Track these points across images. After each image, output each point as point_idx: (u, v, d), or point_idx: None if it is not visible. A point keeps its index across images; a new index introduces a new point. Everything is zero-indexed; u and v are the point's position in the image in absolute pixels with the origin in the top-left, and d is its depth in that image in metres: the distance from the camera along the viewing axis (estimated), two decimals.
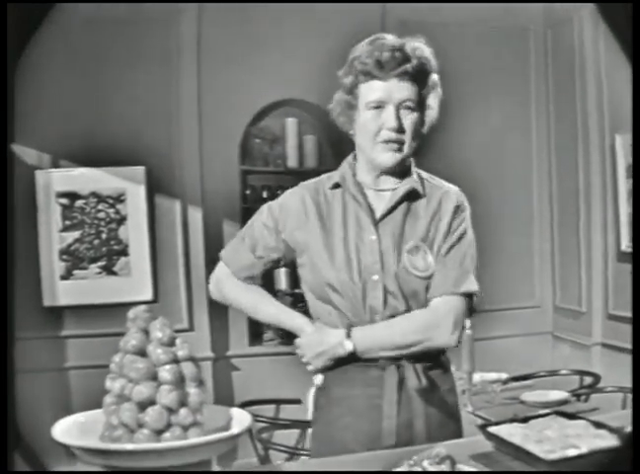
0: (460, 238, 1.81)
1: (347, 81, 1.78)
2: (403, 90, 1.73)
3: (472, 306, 1.82)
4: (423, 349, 1.75)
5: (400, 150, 1.76)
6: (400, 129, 1.74)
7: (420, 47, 1.76)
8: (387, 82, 1.73)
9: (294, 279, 1.92)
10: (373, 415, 1.74)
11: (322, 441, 1.81)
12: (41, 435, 1.72)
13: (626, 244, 4.08)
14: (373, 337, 1.74)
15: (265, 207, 1.91)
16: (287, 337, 1.87)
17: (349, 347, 1.73)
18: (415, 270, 1.75)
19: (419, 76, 1.75)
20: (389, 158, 1.76)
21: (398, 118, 1.73)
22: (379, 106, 1.74)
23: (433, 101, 1.80)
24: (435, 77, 1.80)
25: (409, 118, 1.75)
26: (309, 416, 1.93)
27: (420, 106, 1.77)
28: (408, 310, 1.75)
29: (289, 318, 1.86)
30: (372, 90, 1.74)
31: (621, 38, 1.41)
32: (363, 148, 1.80)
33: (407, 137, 1.75)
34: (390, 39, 1.75)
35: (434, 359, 1.80)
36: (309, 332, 1.79)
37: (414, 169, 1.86)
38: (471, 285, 1.79)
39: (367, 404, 1.75)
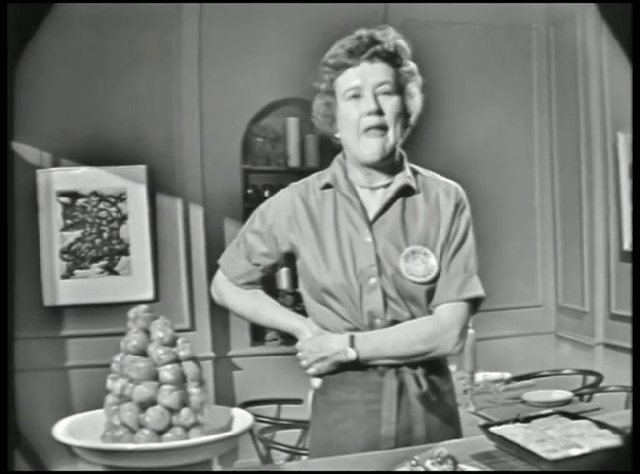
0: (463, 241, 1.77)
1: (322, 83, 1.76)
2: (377, 73, 1.70)
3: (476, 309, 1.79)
4: (426, 358, 1.72)
5: (385, 137, 1.71)
6: (380, 111, 1.69)
7: (389, 32, 1.73)
8: (359, 67, 1.70)
9: (296, 279, 1.89)
10: (372, 420, 1.71)
11: (320, 445, 1.77)
12: (42, 435, 1.72)
13: (629, 243, 4.07)
14: (376, 345, 1.69)
15: (256, 213, 1.86)
16: (289, 337, 1.84)
17: (351, 355, 1.69)
18: (412, 276, 1.70)
19: (392, 59, 1.72)
20: (376, 147, 1.70)
21: (376, 100, 1.69)
22: (357, 94, 1.70)
23: (413, 89, 1.76)
24: (412, 65, 1.76)
25: (388, 102, 1.70)
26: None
27: (399, 91, 1.73)
28: (411, 315, 1.72)
29: (289, 321, 1.82)
30: (347, 79, 1.71)
31: (622, 38, 1.41)
32: (349, 143, 1.75)
33: (389, 121, 1.70)
34: (357, 31, 1.73)
35: (433, 364, 1.75)
36: (310, 336, 1.75)
37: (406, 163, 1.81)
38: (476, 291, 1.75)
39: (366, 409, 1.72)
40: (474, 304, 1.76)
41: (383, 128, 1.70)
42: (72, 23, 3.85)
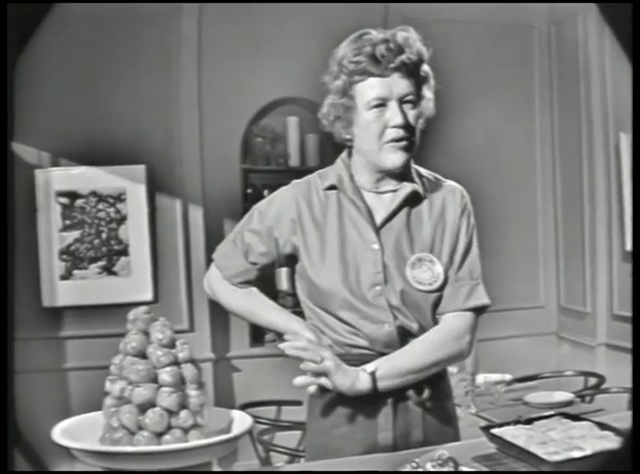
0: (469, 248, 1.74)
1: (338, 83, 1.69)
2: (403, 84, 1.65)
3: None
4: (442, 367, 1.70)
5: (409, 149, 1.67)
6: (407, 126, 1.65)
7: (411, 37, 1.67)
8: (386, 78, 1.64)
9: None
10: (369, 426, 1.68)
11: (316, 449, 1.74)
12: (41, 436, 1.71)
13: (631, 244, 4.06)
14: (394, 361, 1.64)
15: (254, 211, 1.81)
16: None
17: (369, 369, 1.62)
18: (419, 284, 1.68)
19: (414, 67, 1.67)
20: (399, 158, 1.66)
21: (403, 113, 1.65)
22: (381, 104, 1.65)
23: (427, 92, 1.72)
24: (426, 67, 1.71)
25: (412, 114, 1.67)
26: None
27: (419, 99, 1.69)
28: (417, 324, 1.68)
29: (287, 324, 1.76)
30: (371, 88, 1.65)
31: (623, 39, 1.40)
32: (367, 151, 1.70)
33: (412, 132, 1.66)
34: (376, 33, 1.66)
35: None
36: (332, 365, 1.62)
37: (412, 166, 1.77)
38: (482, 299, 1.73)
39: (363, 415, 1.68)
40: (480, 311, 1.74)
41: (407, 140, 1.67)
42: (72, 22, 3.85)
